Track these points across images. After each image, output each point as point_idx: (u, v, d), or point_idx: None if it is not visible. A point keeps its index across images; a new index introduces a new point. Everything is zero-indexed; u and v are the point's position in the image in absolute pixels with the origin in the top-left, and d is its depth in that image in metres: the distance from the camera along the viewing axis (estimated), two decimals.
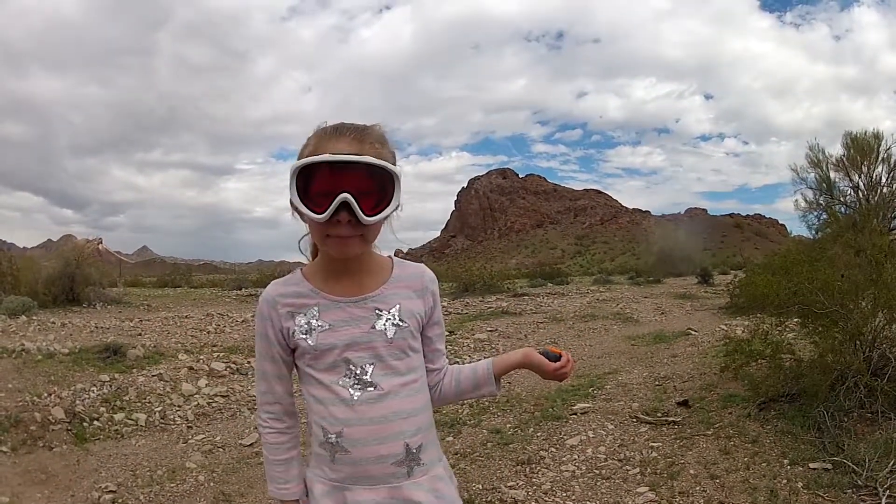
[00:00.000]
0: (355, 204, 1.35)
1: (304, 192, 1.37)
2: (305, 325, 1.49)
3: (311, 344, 1.48)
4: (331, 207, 1.34)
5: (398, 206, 1.42)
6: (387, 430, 1.45)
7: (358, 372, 1.46)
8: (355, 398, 1.45)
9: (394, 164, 1.41)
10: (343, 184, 1.35)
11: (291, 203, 1.42)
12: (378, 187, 1.38)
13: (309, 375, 1.51)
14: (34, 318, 11.73)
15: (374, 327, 1.48)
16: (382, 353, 1.48)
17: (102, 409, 6.11)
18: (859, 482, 3.89)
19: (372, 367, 1.47)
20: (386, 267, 1.56)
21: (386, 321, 1.49)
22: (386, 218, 1.41)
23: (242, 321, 12.81)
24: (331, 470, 1.48)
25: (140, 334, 10.55)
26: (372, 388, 1.46)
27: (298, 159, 1.41)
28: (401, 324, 1.50)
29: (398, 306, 1.51)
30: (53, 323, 11.19)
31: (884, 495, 3.70)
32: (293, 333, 1.49)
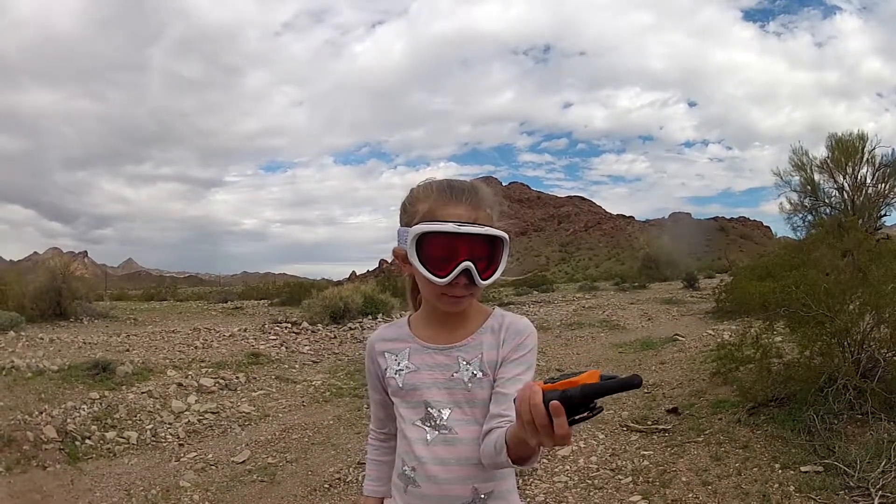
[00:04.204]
0: (475, 270, 1.43)
1: (421, 252, 1.44)
2: (396, 366, 1.58)
3: (399, 384, 1.57)
4: (453, 273, 1.42)
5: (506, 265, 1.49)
6: (456, 473, 1.49)
7: (435, 415, 1.52)
8: (428, 439, 1.51)
9: (498, 218, 1.52)
10: (463, 250, 1.43)
11: (399, 257, 1.52)
12: (491, 253, 1.46)
13: (398, 410, 1.59)
14: (22, 333, 11.62)
15: (454, 375, 1.53)
16: (460, 400, 1.52)
17: (94, 427, 6.06)
18: (851, 483, 3.94)
19: (449, 411, 1.52)
20: (482, 317, 1.60)
21: (466, 370, 1.52)
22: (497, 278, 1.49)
23: (230, 335, 12.67)
24: (402, 501, 1.56)
25: (128, 350, 10.45)
26: (447, 432, 1.51)
27: (407, 215, 1.50)
28: (478, 374, 1.52)
29: (480, 357, 1.53)
30: (42, 339, 11.09)
31: (877, 495, 3.75)
32: (386, 371, 1.60)
